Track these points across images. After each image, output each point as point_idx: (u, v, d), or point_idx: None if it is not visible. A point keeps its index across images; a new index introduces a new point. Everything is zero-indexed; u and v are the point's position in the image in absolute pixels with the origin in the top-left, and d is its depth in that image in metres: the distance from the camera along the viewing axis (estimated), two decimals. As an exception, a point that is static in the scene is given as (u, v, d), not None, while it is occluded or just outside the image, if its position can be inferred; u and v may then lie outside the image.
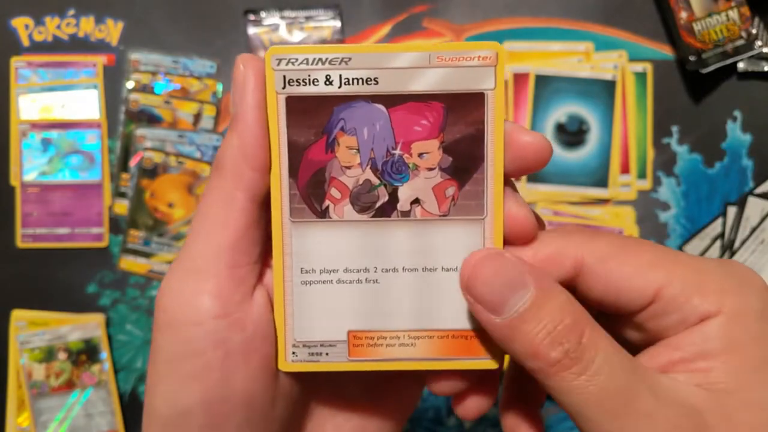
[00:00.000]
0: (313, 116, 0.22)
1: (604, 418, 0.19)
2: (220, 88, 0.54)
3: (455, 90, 0.21)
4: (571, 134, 0.54)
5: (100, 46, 0.54)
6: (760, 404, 0.20)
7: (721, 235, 0.54)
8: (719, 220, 0.54)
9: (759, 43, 0.52)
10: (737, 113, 0.54)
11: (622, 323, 0.22)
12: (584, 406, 0.19)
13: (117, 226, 0.54)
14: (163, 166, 0.53)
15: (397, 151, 0.22)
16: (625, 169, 0.54)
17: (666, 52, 0.54)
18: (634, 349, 0.22)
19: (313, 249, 0.22)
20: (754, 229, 0.53)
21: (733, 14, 0.52)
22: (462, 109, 0.22)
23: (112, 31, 0.54)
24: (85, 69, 0.54)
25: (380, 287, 0.22)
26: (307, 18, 0.53)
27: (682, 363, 0.20)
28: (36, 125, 0.54)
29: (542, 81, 0.54)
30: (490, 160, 0.22)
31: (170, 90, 0.54)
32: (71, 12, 0.54)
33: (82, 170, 0.54)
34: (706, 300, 0.20)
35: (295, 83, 0.21)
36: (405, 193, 0.22)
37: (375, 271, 0.22)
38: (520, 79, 0.54)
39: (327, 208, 0.22)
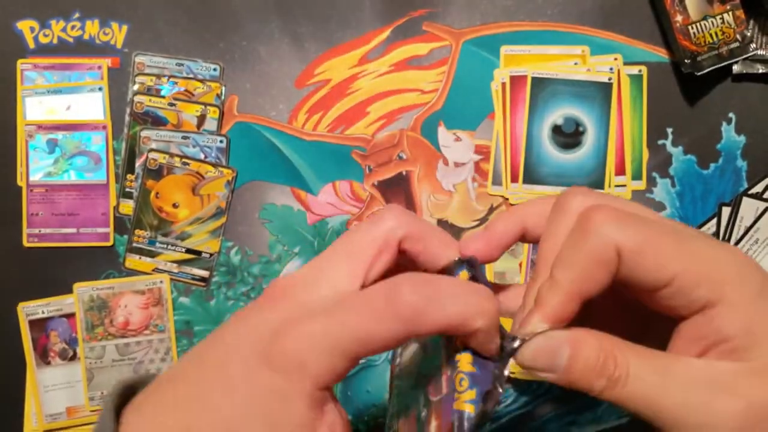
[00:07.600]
0: None
1: (660, 414, 0.24)
2: (223, 90, 0.55)
3: None
4: (568, 136, 0.55)
5: (105, 49, 0.55)
6: None
7: (716, 235, 0.54)
8: (714, 221, 0.54)
9: (754, 45, 0.53)
10: (732, 115, 0.55)
11: (638, 292, 0.26)
12: (643, 409, 0.24)
13: (122, 225, 0.55)
14: (168, 167, 0.54)
15: None
16: (620, 171, 0.55)
17: (661, 54, 0.55)
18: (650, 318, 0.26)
19: None
20: (748, 229, 0.54)
21: (729, 17, 0.52)
22: None
23: (117, 34, 0.55)
24: (90, 71, 0.55)
25: None
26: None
27: (713, 347, 0.24)
28: (42, 127, 0.54)
29: (539, 83, 0.54)
30: None
31: (175, 92, 0.54)
32: (76, 15, 0.55)
33: (87, 171, 0.55)
34: (710, 291, 0.24)
35: None
36: None
37: None
38: (516, 81, 0.55)
39: None
